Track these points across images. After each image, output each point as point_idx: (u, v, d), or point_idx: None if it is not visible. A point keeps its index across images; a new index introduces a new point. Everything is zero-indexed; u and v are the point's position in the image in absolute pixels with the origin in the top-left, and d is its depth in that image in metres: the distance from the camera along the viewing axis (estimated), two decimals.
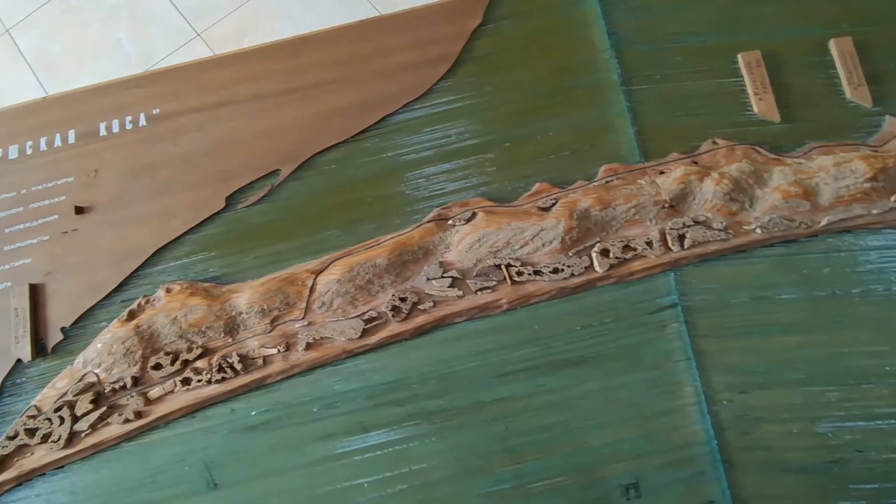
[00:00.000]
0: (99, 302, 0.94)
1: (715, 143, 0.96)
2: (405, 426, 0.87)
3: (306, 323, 0.90)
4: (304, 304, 0.90)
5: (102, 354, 0.88)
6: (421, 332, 0.90)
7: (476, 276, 0.91)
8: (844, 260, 0.90)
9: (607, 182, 0.93)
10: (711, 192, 0.90)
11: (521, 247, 0.90)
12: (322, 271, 0.91)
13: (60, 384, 0.89)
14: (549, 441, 0.85)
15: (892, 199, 0.90)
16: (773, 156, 0.94)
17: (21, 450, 0.87)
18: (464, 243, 0.91)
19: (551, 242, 0.90)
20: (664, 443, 0.84)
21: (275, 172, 1.00)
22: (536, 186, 0.96)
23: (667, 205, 0.90)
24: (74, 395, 0.87)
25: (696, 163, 0.95)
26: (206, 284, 0.93)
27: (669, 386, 0.86)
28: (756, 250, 0.91)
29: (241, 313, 0.89)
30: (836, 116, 0.98)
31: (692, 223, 0.90)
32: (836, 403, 0.84)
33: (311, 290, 0.90)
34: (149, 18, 2.21)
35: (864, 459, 0.82)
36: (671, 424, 0.85)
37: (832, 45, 1.00)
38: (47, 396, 0.89)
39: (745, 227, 0.90)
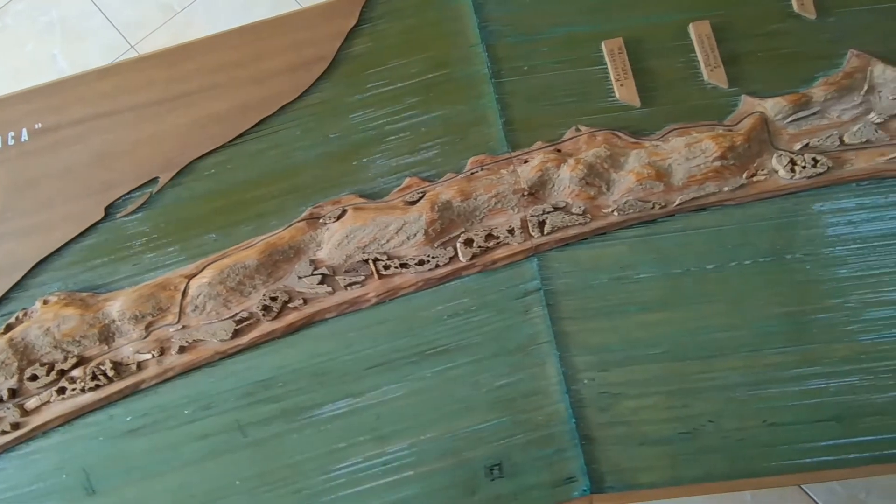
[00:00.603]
0: None
1: (578, 130, 0.96)
2: (279, 421, 0.87)
3: (181, 327, 0.90)
4: (177, 309, 0.90)
5: None
6: (293, 329, 0.90)
7: (345, 272, 0.91)
8: (699, 238, 0.91)
9: (472, 174, 0.94)
10: (568, 178, 0.90)
11: (388, 241, 0.90)
12: (195, 275, 0.91)
13: None
14: (417, 428, 0.86)
15: (744, 175, 0.91)
16: (633, 140, 0.94)
17: None
18: (333, 240, 0.91)
19: (416, 235, 0.90)
20: (527, 423, 0.84)
21: (155, 180, 1.00)
22: (406, 181, 0.95)
23: (526, 192, 0.90)
24: None
25: (559, 150, 0.95)
26: (83, 294, 0.92)
27: (533, 368, 0.86)
28: (616, 232, 0.91)
29: (114, 321, 0.89)
30: (695, 98, 0.97)
31: (552, 209, 0.90)
32: (691, 376, 0.85)
33: (184, 294, 0.90)
34: (83, 33, 2.19)
35: (717, 429, 0.83)
36: (534, 405, 0.85)
37: (691, 29, 1.00)
38: None
39: (603, 211, 0.91)
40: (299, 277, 0.89)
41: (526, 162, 0.93)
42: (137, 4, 2.19)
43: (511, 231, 0.89)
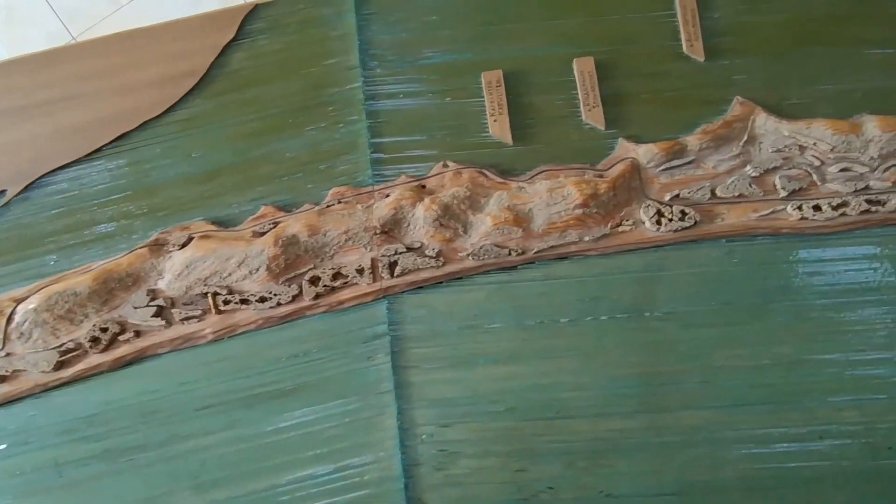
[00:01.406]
0: None
1: (446, 165, 0.88)
2: (99, 462, 0.80)
3: (4, 354, 0.82)
4: (1, 335, 0.82)
5: None
6: (123, 363, 0.81)
7: (183, 304, 0.83)
8: (559, 288, 0.83)
9: (328, 206, 0.86)
10: (423, 219, 0.83)
11: (229, 274, 0.82)
12: (24, 300, 0.83)
13: None
14: (240, 479, 0.78)
15: (608, 225, 0.84)
16: (500, 180, 0.87)
17: None
18: (173, 270, 0.83)
19: (258, 270, 0.81)
20: (356, 480, 0.77)
21: (2, 193, 0.92)
22: (262, 210, 0.87)
23: (378, 231, 0.83)
24: None
25: (423, 186, 0.88)
26: None
27: (370, 419, 0.78)
28: (475, 277, 0.83)
29: None
30: (571, 139, 0.89)
31: (405, 250, 0.83)
32: (533, 437, 0.77)
33: (9, 319, 0.82)
34: (26, 20, 2.09)
35: (555, 498, 0.75)
36: (366, 460, 0.77)
37: (575, 65, 0.94)
38: None
39: (459, 255, 0.83)
40: (134, 308, 0.82)
41: (387, 196, 0.86)
42: None
43: (360, 271, 0.81)
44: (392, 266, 0.80)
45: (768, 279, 0.81)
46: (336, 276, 0.81)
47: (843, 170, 0.82)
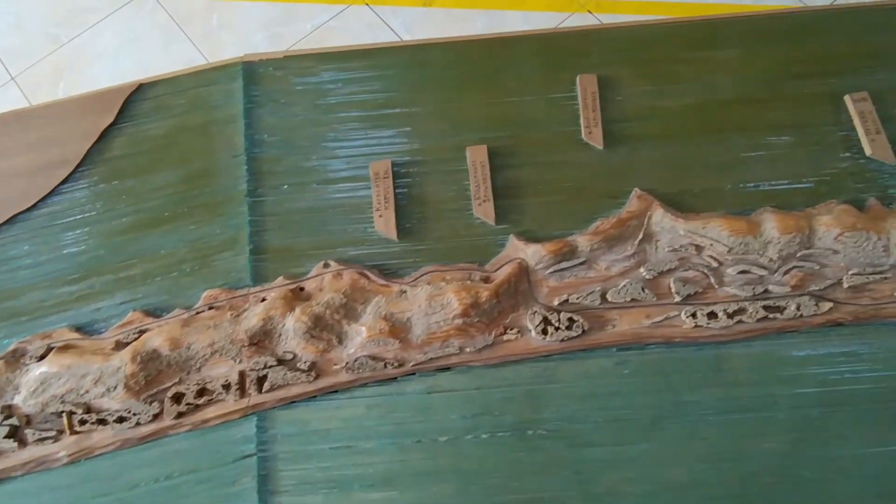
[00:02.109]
0: None
1: (326, 265, 0.83)
2: None
3: None
4: None
5: None
6: None
7: (38, 424, 0.77)
8: (440, 402, 0.77)
9: (197, 313, 0.81)
10: (292, 330, 0.78)
11: (86, 392, 0.75)
12: None
13: None
14: None
15: (492, 334, 0.78)
16: (382, 282, 0.81)
17: None
18: (28, 386, 0.77)
19: (116, 388, 0.76)
20: None
21: None
22: (129, 315, 0.81)
23: (247, 343, 0.78)
24: None
25: (302, 288, 0.82)
26: None
27: None
28: (354, 390, 0.77)
29: None
30: (462, 235, 0.81)
31: (275, 363, 0.77)
32: None
33: None
34: None
35: None
36: None
37: (467, 154, 0.88)
38: None
39: (335, 367, 0.78)
40: None
41: (263, 300, 0.80)
42: (21, 31, 2.03)
43: (227, 386, 0.75)
44: (261, 381, 0.74)
45: (661, 393, 0.74)
46: (201, 391, 0.74)
47: (741, 272, 0.77)
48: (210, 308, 0.77)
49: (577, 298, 0.76)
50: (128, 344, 0.76)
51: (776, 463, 0.72)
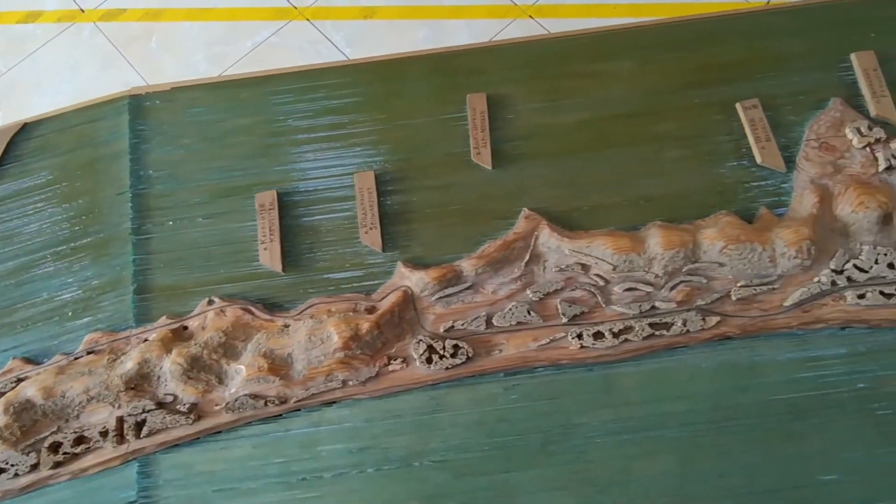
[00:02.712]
0: None
1: (210, 302, 0.81)
2: None
3: None
4: None
5: None
6: None
7: None
8: (328, 437, 0.74)
9: (76, 359, 0.79)
10: (169, 372, 0.76)
11: None
12: None
13: None
14: None
15: (376, 366, 0.77)
16: (267, 317, 0.80)
17: None
18: None
19: None
20: None
21: None
22: (9, 364, 0.78)
23: (122, 388, 0.76)
24: None
25: (185, 328, 0.81)
26: None
27: None
28: (238, 430, 0.75)
29: None
30: (349, 264, 0.80)
31: (153, 407, 0.76)
32: None
33: None
34: None
35: None
36: None
37: (355, 181, 0.86)
38: None
39: (216, 407, 0.76)
40: None
41: (145, 341, 0.79)
42: None
43: (104, 433, 0.73)
44: (139, 425, 0.73)
45: (550, 417, 0.73)
46: (79, 440, 0.72)
47: (628, 289, 0.76)
48: (89, 353, 0.76)
49: (463, 324, 0.75)
50: (4, 394, 0.74)
51: (666, 483, 0.71)
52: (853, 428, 0.72)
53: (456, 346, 0.74)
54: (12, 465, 0.72)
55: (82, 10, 2.10)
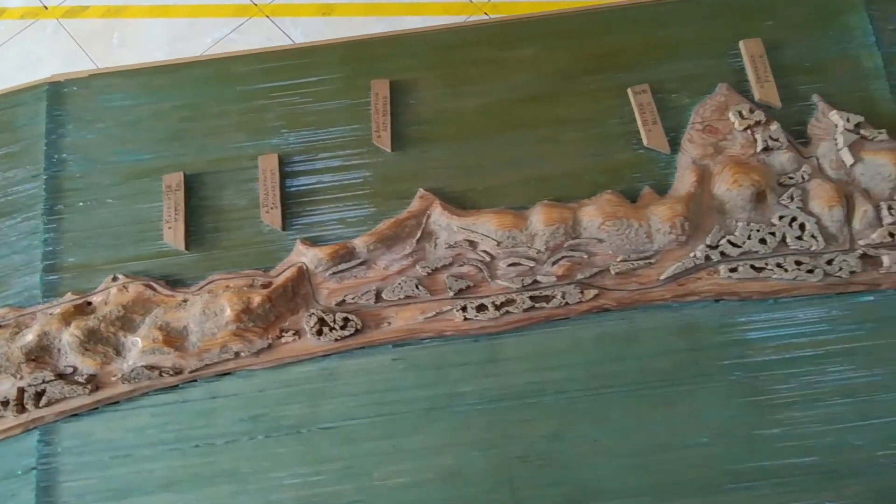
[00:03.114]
0: None
1: (115, 279, 0.84)
2: None
3: None
4: None
5: None
6: None
7: None
8: (224, 406, 0.77)
9: None
10: (67, 345, 0.79)
11: None
12: None
13: None
14: None
15: (269, 338, 0.80)
16: (168, 292, 0.82)
17: None
18: None
19: None
20: None
21: None
22: None
23: (24, 360, 0.79)
24: None
25: (89, 303, 0.83)
26: None
27: None
28: (139, 400, 0.78)
29: None
30: (251, 242, 0.82)
31: (52, 378, 0.78)
32: None
33: None
34: None
35: None
36: None
37: (259, 163, 0.89)
38: None
39: (114, 378, 0.79)
40: None
41: (52, 315, 0.82)
42: None
43: (5, 403, 0.75)
44: (39, 395, 0.75)
45: (436, 386, 0.76)
46: None
47: (511, 264, 0.79)
48: None
49: (354, 298, 0.78)
50: None
51: (543, 447, 0.74)
52: (721, 394, 0.75)
53: (346, 319, 0.77)
54: None
55: (45, 7, 2.12)
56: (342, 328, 0.76)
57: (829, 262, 0.77)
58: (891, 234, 0.77)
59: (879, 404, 0.74)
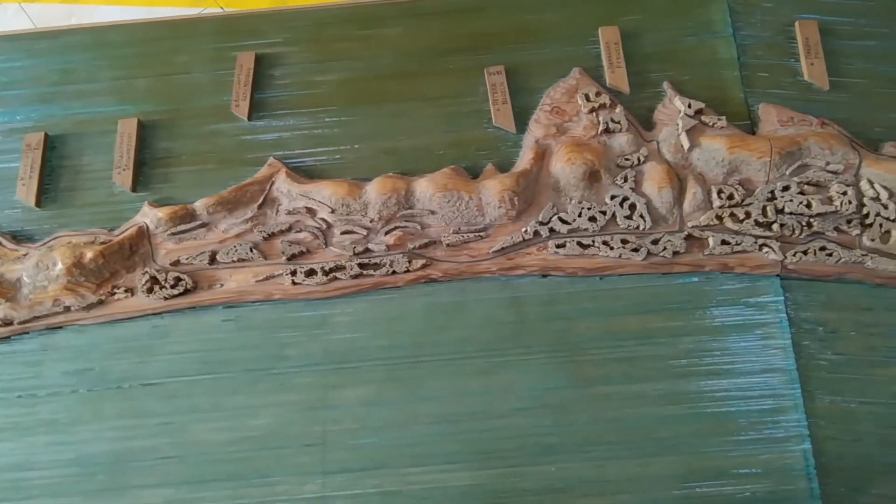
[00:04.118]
0: None
1: None
2: None
3: None
4: None
5: None
6: None
7: None
8: (53, 359, 0.77)
9: None
10: None
11: None
12: None
13: None
14: None
15: (102, 294, 0.80)
16: (13, 246, 0.82)
17: None
18: None
19: None
20: None
21: None
22: None
23: None
24: None
25: None
26: None
27: None
28: None
29: None
30: (102, 203, 0.83)
31: None
32: None
33: None
34: None
35: None
36: None
37: (118, 126, 0.90)
38: None
39: None
40: None
41: None
42: None
43: None
44: None
45: (262, 348, 0.76)
46: None
47: (345, 232, 0.79)
48: None
49: (188, 259, 0.79)
50: None
51: (359, 411, 0.74)
52: (539, 367, 0.75)
53: (177, 278, 0.77)
54: None
55: None
56: (172, 287, 0.77)
57: (655, 242, 0.77)
58: (718, 218, 0.77)
59: (692, 387, 0.74)
